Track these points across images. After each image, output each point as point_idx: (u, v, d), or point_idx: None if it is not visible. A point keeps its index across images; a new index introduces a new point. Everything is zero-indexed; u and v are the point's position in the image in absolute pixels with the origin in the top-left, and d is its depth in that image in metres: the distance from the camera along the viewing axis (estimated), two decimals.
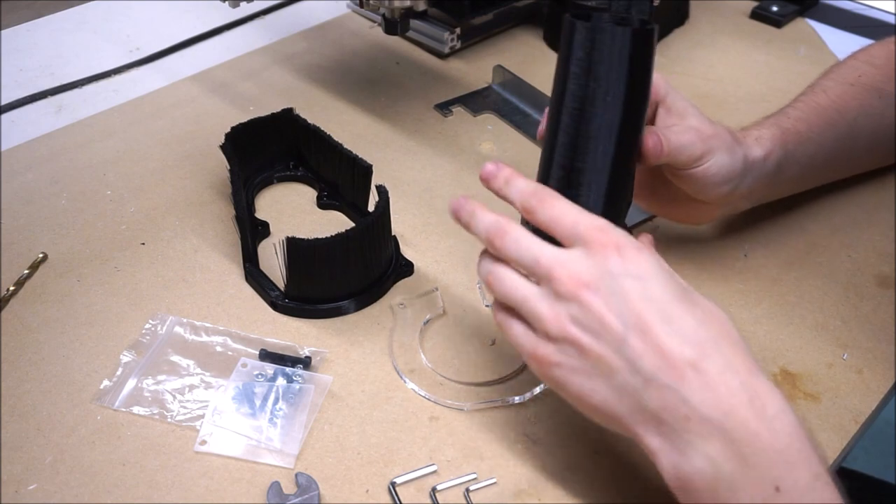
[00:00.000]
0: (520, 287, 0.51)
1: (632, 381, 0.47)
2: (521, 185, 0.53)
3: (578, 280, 0.48)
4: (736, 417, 0.45)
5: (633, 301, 0.47)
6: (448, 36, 0.98)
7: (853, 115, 0.73)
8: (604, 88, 0.53)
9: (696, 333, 0.47)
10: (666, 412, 0.46)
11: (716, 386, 0.45)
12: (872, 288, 0.72)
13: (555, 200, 0.51)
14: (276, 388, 0.62)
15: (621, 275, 0.47)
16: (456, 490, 0.56)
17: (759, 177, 0.67)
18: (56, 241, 0.74)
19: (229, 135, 0.75)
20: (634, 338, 0.47)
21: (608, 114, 0.53)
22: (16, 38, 1.02)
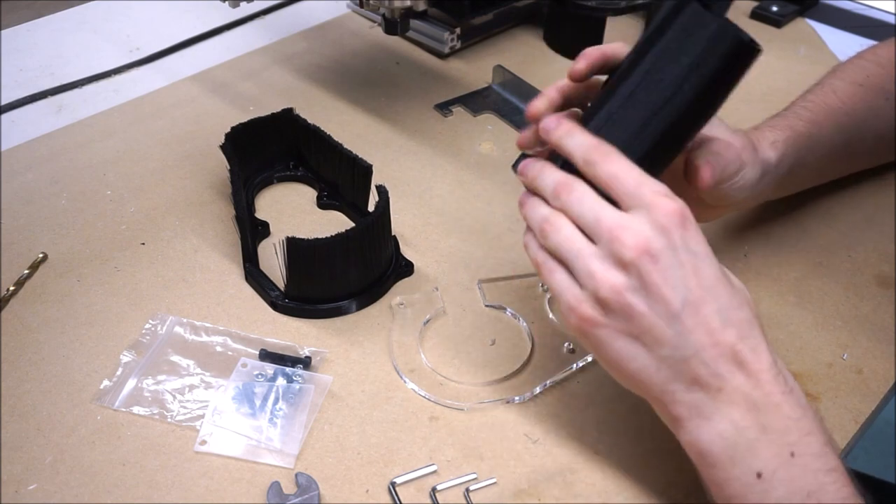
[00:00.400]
0: (577, 241, 0.50)
1: (676, 354, 0.48)
2: (583, 137, 0.52)
3: (642, 247, 0.47)
4: (763, 388, 0.48)
5: (690, 277, 0.48)
6: (448, 36, 0.98)
7: (861, 117, 0.73)
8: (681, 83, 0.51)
9: (736, 315, 0.48)
10: (701, 382, 0.48)
11: (750, 363, 0.48)
12: (872, 288, 0.72)
13: (619, 157, 0.50)
14: (276, 388, 0.62)
15: (681, 248, 0.48)
16: (456, 490, 0.56)
17: (771, 181, 0.66)
18: (56, 241, 0.74)
19: (229, 135, 0.75)
20: (687, 313, 0.47)
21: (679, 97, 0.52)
22: (16, 38, 1.02)
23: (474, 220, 0.78)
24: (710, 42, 0.51)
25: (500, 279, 0.71)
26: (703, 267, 0.48)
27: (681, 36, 0.51)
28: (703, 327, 0.48)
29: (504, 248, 0.75)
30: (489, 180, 0.82)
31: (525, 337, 0.67)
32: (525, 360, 0.65)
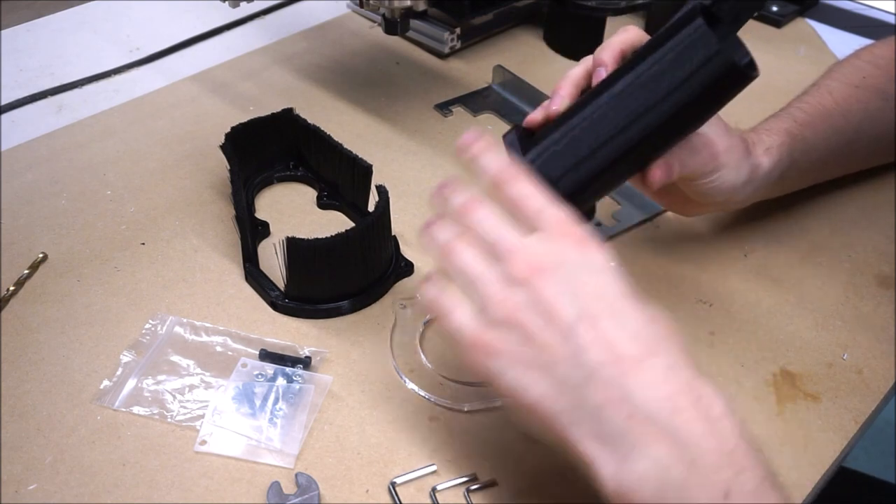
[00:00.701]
0: (477, 264, 0.49)
1: (574, 373, 0.44)
2: (494, 158, 0.52)
3: (534, 264, 0.47)
4: (682, 416, 0.43)
5: (587, 293, 0.46)
6: (448, 36, 0.98)
7: (857, 119, 0.73)
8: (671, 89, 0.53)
9: (644, 330, 0.45)
10: (608, 409, 0.44)
11: (661, 383, 0.44)
12: (872, 288, 0.72)
13: (526, 181, 0.50)
14: (276, 388, 0.62)
15: (578, 266, 0.47)
16: (456, 490, 0.56)
17: (762, 185, 0.67)
18: (56, 241, 0.74)
19: (229, 135, 0.75)
20: (583, 328, 0.45)
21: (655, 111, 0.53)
22: (16, 38, 1.02)
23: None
24: (705, 61, 0.51)
25: None
26: (605, 284, 0.46)
27: (679, 48, 0.52)
28: (600, 341, 0.44)
29: None
30: None
31: None
32: None
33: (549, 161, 0.55)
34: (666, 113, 0.53)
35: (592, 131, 0.54)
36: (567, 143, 0.55)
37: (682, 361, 0.45)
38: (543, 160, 0.55)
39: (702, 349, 0.66)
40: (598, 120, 0.54)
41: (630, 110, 0.53)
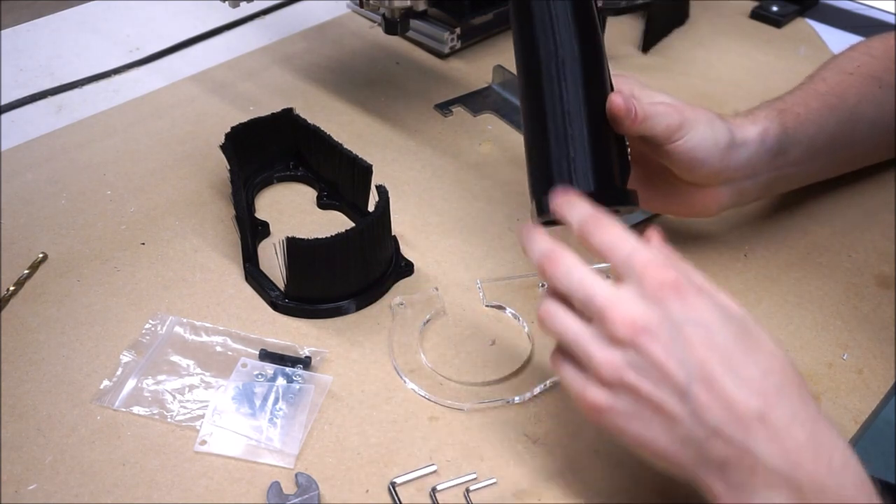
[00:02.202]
0: (571, 326, 0.48)
1: (696, 431, 0.45)
2: (581, 207, 0.51)
3: (635, 324, 0.45)
4: (803, 469, 0.43)
5: (696, 349, 0.44)
6: (448, 36, 0.98)
7: (853, 102, 0.72)
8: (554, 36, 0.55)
9: (761, 382, 0.44)
10: (732, 462, 0.44)
11: (783, 438, 0.44)
12: (872, 288, 0.72)
13: (611, 226, 0.49)
14: (276, 388, 0.62)
15: (682, 321, 0.45)
16: (456, 490, 0.56)
17: (760, 154, 0.66)
18: (56, 241, 0.74)
19: (229, 135, 0.75)
20: (699, 388, 0.44)
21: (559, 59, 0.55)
22: (16, 38, 1.02)
23: (474, 220, 0.78)
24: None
25: (500, 279, 0.71)
26: (714, 335, 0.45)
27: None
28: (719, 402, 0.44)
29: (504, 248, 0.75)
30: (489, 180, 0.82)
31: (525, 337, 0.67)
32: (525, 360, 0.65)
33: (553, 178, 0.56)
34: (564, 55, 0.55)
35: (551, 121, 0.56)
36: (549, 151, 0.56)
37: (803, 408, 0.45)
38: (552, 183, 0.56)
39: None
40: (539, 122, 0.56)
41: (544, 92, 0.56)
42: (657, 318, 0.45)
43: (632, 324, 0.45)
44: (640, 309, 0.46)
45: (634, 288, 0.46)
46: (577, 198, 0.52)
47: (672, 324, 0.45)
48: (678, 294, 0.45)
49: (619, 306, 0.46)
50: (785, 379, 0.45)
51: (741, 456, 0.44)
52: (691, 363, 0.44)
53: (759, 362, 0.45)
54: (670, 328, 0.45)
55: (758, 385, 0.44)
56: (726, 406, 0.44)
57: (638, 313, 0.45)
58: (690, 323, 0.45)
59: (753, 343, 0.46)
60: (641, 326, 0.45)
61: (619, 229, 0.49)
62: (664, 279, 0.46)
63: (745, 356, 0.45)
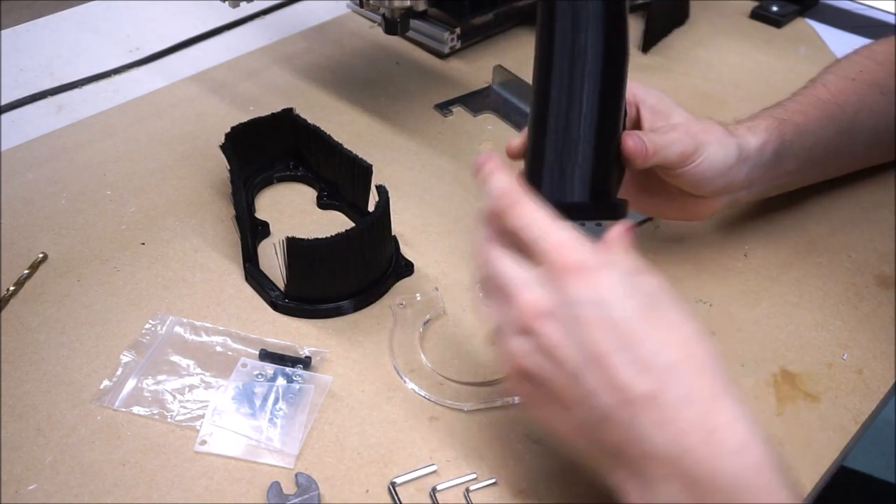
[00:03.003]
0: (496, 308, 0.49)
1: (589, 416, 0.44)
2: (497, 182, 0.50)
3: (535, 309, 0.45)
4: (693, 456, 0.42)
5: (591, 330, 0.44)
6: (448, 36, 0.98)
7: (853, 110, 0.72)
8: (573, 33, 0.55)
9: (655, 358, 0.43)
10: (626, 448, 0.44)
11: (672, 421, 0.42)
12: (872, 288, 0.72)
13: (522, 207, 0.48)
14: (276, 388, 0.62)
15: (580, 301, 0.44)
16: (456, 490, 0.56)
17: (757, 166, 0.66)
18: (56, 241, 0.74)
19: (229, 135, 0.75)
20: (589, 371, 0.44)
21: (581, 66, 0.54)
22: (16, 38, 1.02)
23: (474, 219, 0.78)
24: None
25: None
26: (612, 313, 0.44)
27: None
28: (608, 383, 0.43)
29: None
30: None
31: None
32: None
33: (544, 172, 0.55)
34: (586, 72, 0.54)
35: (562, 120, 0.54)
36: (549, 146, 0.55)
37: (698, 385, 0.43)
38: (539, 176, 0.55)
39: None
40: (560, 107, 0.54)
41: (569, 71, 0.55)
42: (554, 301, 0.45)
43: (531, 309, 0.45)
44: (540, 293, 0.45)
45: (541, 272, 0.46)
46: (498, 170, 0.51)
47: (568, 306, 0.44)
48: (579, 275, 0.45)
49: (523, 292, 0.46)
50: (684, 352, 0.44)
51: (634, 441, 0.43)
52: (584, 344, 0.44)
53: (656, 338, 0.43)
54: (566, 310, 0.44)
55: (651, 361, 0.43)
56: (616, 388, 0.43)
57: (538, 298, 0.45)
58: (587, 304, 0.44)
59: (656, 317, 0.44)
60: (539, 310, 0.45)
61: (532, 209, 0.48)
62: (566, 261, 0.45)
63: (643, 330, 0.43)
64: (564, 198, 0.53)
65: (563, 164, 0.54)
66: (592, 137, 0.54)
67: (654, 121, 0.62)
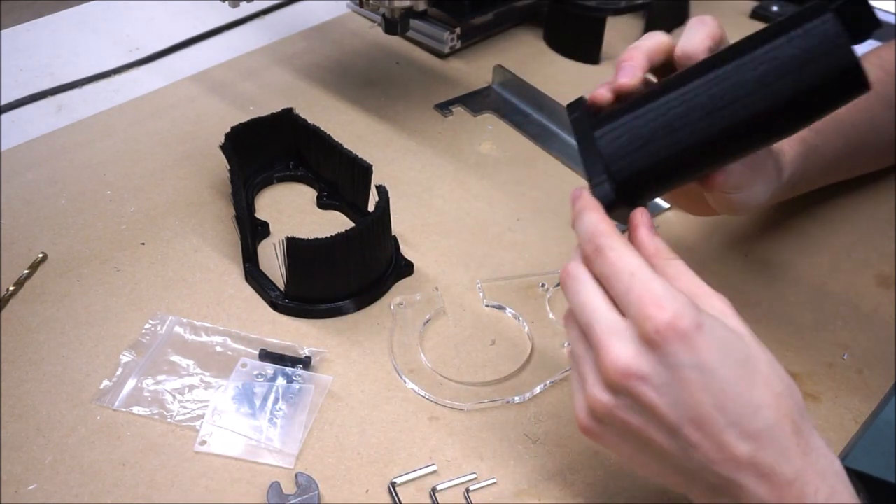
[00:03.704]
0: (578, 346, 0.48)
1: (686, 464, 0.45)
2: (587, 222, 0.48)
3: (630, 369, 0.44)
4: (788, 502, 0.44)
5: (693, 393, 0.43)
6: (448, 36, 0.97)
7: (865, 129, 0.72)
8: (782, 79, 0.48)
9: (754, 422, 0.44)
10: (722, 490, 0.45)
11: (770, 476, 0.44)
12: (872, 288, 0.72)
13: (609, 252, 0.46)
14: (276, 388, 0.62)
15: (682, 366, 0.43)
16: (456, 490, 0.56)
17: (778, 192, 0.65)
18: (56, 241, 0.74)
19: (229, 135, 0.75)
20: (690, 428, 0.44)
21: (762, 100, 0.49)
22: (16, 38, 1.02)
23: (474, 220, 0.78)
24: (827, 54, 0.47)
25: (500, 279, 0.71)
26: (711, 378, 0.43)
27: (800, 39, 0.48)
28: (710, 442, 0.44)
29: (504, 248, 0.75)
30: (489, 180, 0.82)
31: (525, 337, 0.67)
32: (525, 360, 0.65)
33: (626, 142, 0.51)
34: (772, 105, 0.49)
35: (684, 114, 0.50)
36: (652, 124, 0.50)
37: (794, 442, 0.45)
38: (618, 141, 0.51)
39: None
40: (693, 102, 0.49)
41: (734, 95, 0.49)
42: (652, 364, 0.44)
43: (624, 370, 0.44)
44: (633, 353, 0.44)
45: (632, 327, 0.45)
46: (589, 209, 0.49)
47: (668, 369, 0.44)
48: (677, 338, 0.43)
49: (613, 348, 0.44)
50: (780, 415, 0.45)
51: (731, 487, 0.45)
52: (684, 405, 0.44)
53: (753, 399, 0.44)
54: (666, 374, 0.44)
55: (749, 425, 0.44)
56: (717, 448, 0.44)
57: (632, 359, 0.44)
58: (688, 368, 0.43)
59: (751, 376, 0.45)
60: (634, 374, 0.44)
61: (623, 255, 0.46)
62: (661, 320, 0.43)
63: (740, 393, 0.44)
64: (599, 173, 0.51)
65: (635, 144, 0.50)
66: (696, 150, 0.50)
67: None
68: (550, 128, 0.89)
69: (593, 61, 1.00)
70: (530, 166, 0.84)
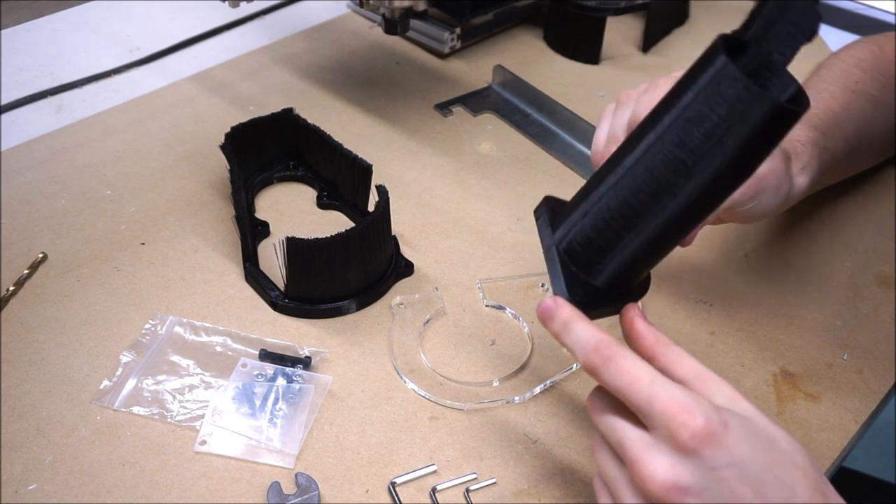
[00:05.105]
0: (610, 467, 0.47)
1: None
2: (581, 333, 0.47)
3: (669, 484, 0.43)
4: None
5: (731, 490, 0.43)
6: (448, 36, 0.98)
7: (858, 126, 0.72)
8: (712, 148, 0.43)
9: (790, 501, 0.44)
10: None
11: None
12: (872, 288, 0.72)
13: (621, 361, 0.45)
14: (276, 388, 0.62)
15: (719, 467, 0.43)
16: (456, 490, 0.56)
17: (794, 197, 0.64)
18: (56, 241, 0.74)
19: (229, 135, 0.75)
20: None
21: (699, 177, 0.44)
22: (16, 38, 1.02)
23: (474, 220, 0.78)
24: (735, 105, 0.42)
25: (500, 279, 0.71)
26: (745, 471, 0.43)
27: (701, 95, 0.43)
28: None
29: (504, 248, 0.75)
30: (489, 180, 0.82)
31: (525, 337, 0.67)
32: (525, 360, 0.65)
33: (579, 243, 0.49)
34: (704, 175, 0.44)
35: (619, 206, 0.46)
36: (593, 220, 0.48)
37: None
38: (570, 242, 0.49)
39: (702, 349, 0.66)
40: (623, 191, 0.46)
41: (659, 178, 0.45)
42: (690, 472, 0.43)
43: (664, 483, 0.43)
44: (671, 465, 0.43)
45: (664, 439, 0.44)
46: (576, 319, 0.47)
47: (707, 473, 0.43)
48: (711, 442, 0.43)
49: (650, 463, 0.44)
50: (809, 486, 0.45)
51: None
52: (727, 499, 0.44)
53: (787, 480, 0.45)
54: (706, 479, 0.43)
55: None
56: None
57: (670, 472, 0.43)
58: (725, 467, 0.43)
59: (778, 457, 0.45)
60: (675, 485, 0.43)
61: (629, 361, 0.45)
62: (694, 429, 0.43)
63: (776, 478, 0.44)
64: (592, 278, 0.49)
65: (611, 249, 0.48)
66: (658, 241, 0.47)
67: None
68: (550, 128, 0.89)
69: (593, 61, 1.00)
70: (530, 166, 0.84)
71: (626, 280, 0.50)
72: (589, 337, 0.47)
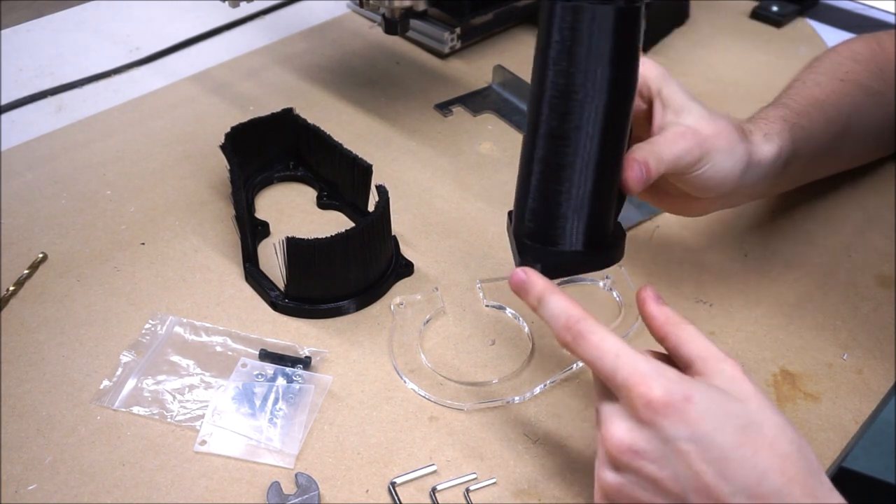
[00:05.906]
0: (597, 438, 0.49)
1: None
2: (554, 307, 0.49)
3: (625, 446, 0.45)
4: None
5: (693, 463, 0.44)
6: (448, 36, 0.98)
7: (847, 112, 0.72)
8: (584, 75, 0.49)
9: (761, 487, 0.44)
10: None
11: None
12: (872, 288, 0.72)
13: (589, 337, 0.47)
14: (276, 388, 0.62)
15: (677, 438, 0.44)
16: (456, 490, 0.56)
17: (769, 175, 0.65)
18: (56, 241, 0.74)
19: (229, 135, 0.75)
20: (698, 496, 0.45)
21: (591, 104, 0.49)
22: (16, 38, 1.02)
23: (474, 219, 0.78)
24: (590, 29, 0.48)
25: (500, 279, 0.71)
26: (709, 447, 0.44)
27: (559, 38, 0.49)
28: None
29: (504, 248, 0.74)
30: (489, 180, 0.82)
31: (525, 337, 0.67)
32: (525, 360, 0.65)
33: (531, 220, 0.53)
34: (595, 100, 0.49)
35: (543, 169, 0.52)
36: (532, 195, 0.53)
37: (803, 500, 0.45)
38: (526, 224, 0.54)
39: None
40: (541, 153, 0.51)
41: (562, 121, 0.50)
42: (646, 439, 0.45)
43: (620, 446, 0.46)
44: (627, 431, 0.46)
45: (624, 407, 0.46)
46: (550, 292, 0.50)
47: (664, 443, 0.45)
48: (668, 411, 0.44)
49: (611, 427, 0.46)
50: (787, 478, 0.45)
51: None
52: (685, 477, 0.45)
53: (758, 464, 0.44)
54: (662, 448, 0.45)
55: (755, 489, 0.44)
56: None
57: (626, 437, 0.46)
58: (683, 440, 0.44)
59: (753, 439, 0.45)
60: (630, 449, 0.45)
61: (597, 336, 0.47)
62: (650, 398, 0.45)
63: (741, 458, 0.44)
64: (556, 246, 0.53)
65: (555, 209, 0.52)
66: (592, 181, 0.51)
67: (664, 116, 0.60)
68: None
69: None
70: None
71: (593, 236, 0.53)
72: (560, 313, 0.49)
